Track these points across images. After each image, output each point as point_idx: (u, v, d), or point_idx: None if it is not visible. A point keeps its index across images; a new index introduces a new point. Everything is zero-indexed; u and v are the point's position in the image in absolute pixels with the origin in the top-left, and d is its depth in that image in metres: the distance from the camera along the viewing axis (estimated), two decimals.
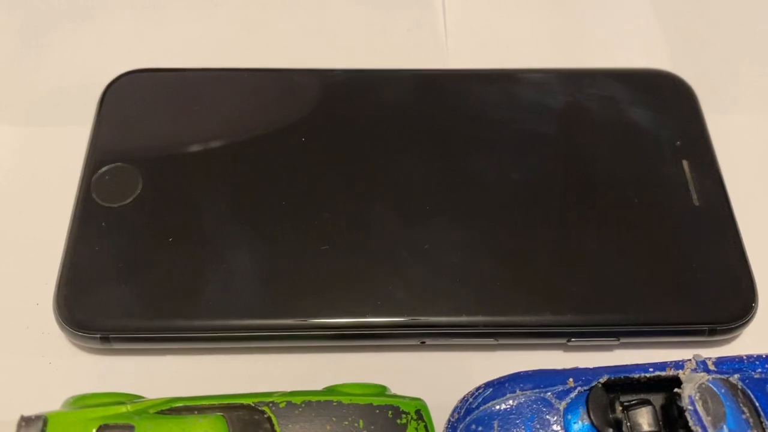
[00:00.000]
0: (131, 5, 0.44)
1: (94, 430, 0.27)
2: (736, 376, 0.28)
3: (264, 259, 0.34)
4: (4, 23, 0.43)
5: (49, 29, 0.43)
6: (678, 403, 0.28)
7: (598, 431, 0.27)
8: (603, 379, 0.29)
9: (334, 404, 0.28)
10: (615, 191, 0.36)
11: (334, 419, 0.28)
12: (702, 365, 0.29)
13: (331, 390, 0.30)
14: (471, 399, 0.29)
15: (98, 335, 0.32)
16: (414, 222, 0.35)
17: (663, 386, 0.29)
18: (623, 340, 0.33)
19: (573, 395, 0.28)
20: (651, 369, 0.29)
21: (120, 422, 0.27)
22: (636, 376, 0.29)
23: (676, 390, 0.28)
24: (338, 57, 0.42)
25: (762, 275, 0.34)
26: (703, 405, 0.27)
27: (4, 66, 0.42)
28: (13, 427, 0.27)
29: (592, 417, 0.28)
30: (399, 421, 0.29)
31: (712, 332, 0.33)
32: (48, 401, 0.29)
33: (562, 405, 0.28)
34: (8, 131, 0.39)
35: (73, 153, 0.37)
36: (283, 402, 0.28)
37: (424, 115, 0.38)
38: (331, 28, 0.44)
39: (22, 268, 0.35)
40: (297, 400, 0.28)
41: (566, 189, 0.36)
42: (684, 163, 0.37)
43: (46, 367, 0.33)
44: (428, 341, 0.33)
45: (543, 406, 0.28)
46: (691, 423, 0.27)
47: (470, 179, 0.36)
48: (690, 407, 0.27)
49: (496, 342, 0.33)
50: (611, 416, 0.28)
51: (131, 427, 0.27)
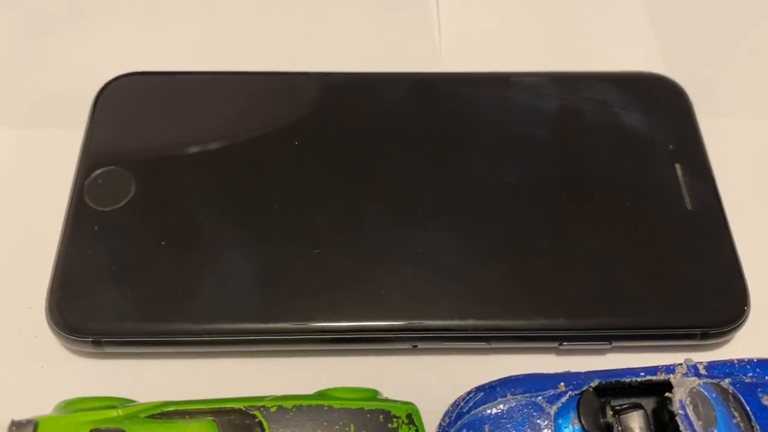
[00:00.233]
0: (127, 8, 0.44)
1: None
2: (727, 381, 0.28)
3: (256, 263, 0.34)
4: (0, 26, 0.43)
5: (44, 32, 0.43)
6: (669, 408, 0.28)
7: None
8: (594, 384, 0.29)
9: (325, 408, 0.28)
10: (608, 195, 0.36)
11: (325, 423, 0.28)
12: (693, 369, 0.29)
13: (323, 394, 0.30)
14: (462, 403, 0.29)
15: (90, 339, 0.32)
16: (407, 226, 0.35)
17: (654, 390, 0.29)
18: (615, 344, 0.33)
19: (564, 399, 0.28)
20: (642, 373, 0.29)
21: (111, 426, 0.27)
22: (627, 381, 0.29)
23: (667, 394, 0.28)
24: (333, 60, 0.42)
25: (754, 279, 0.34)
26: (694, 409, 0.27)
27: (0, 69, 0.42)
28: (5, 431, 0.27)
29: (583, 421, 0.28)
30: (390, 426, 0.29)
31: (705, 336, 0.33)
32: (39, 405, 0.29)
33: (553, 409, 0.28)
34: (2, 134, 0.39)
35: (67, 156, 0.37)
36: (274, 406, 0.28)
37: (419, 119, 0.38)
38: (326, 32, 0.44)
39: (15, 272, 0.35)
40: (288, 405, 0.28)
41: (559, 193, 0.36)
42: (677, 167, 0.37)
43: (38, 371, 0.33)
44: (420, 345, 0.33)
45: (534, 411, 0.28)
46: (682, 427, 0.27)
47: (463, 183, 0.36)
48: (681, 411, 0.27)
49: (489, 346, 0.33)
50: (602, 420, 0.28)
51: (122, 431, 0.27)
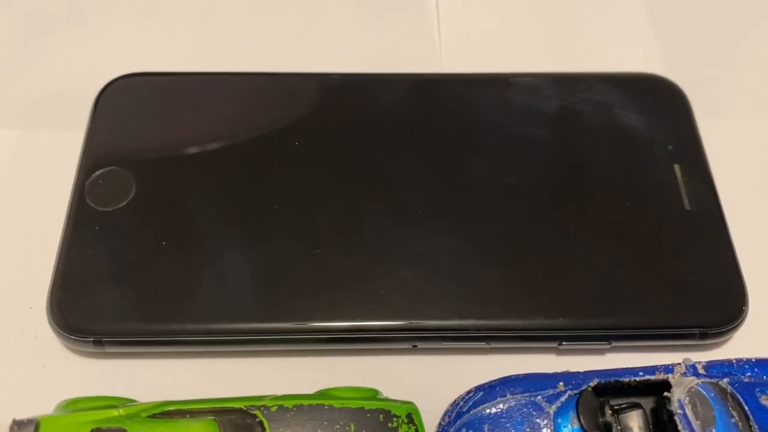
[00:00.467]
0: (127, 9, 0.44)
1: None
2: (726, 380, 0.28)
3: (257, 263, 0.34)
4: (0, 27, 0.43)
5: (45, 33, 0.43)
6: (668, 407, 0.28)
7: None
8: (593, 383, 0.29)
9: (326, 408, 0.29)
10: (607, 195, 0.36)
11: (326, 423, 0.28)
12: (692, 369, 0.29)
13: (323, 394, 0.30)
14: (462, 403, 0.30)
15: (91, 339, 0.32)
16: (407, 226, 0.35)
17: (653, 390, 0.29)
18: (614, 344, 0.33)
19: (563, 399, 0.29)
20: (641, 373, 0.29)
21: (112, 426, 0.27)
22: (626, 380, 0.29)
23: (666, 394, 0.28)
24: (333, 61, 0.42)
25: (753, 279, 0.34)
26: (693, 409, 0.28)
27: (0, 69, 0.42)
28: (6, 431, 0.27)
29: (582, 421, 0.28)
30: (390, 425, 0.29)
31: (703, 336, 0.33)
32: (41, 405, 0.29)
33: (553, 409, 0.28)
34: (3, 135, 0.39)
35: (68, 157, 0.37)
36: (275, 406, 0.28)
37: (418, 120, 0.38)
38: (326, 33, 0.44)
39: (16, 272, 0.35)
40: (289, 404, 0.29)
41: (558, 193, 0.36)
42: (676, 168, 0.37)
43: (39, 371, 0.33)
44: (420, 345, 0.33)
45: (533, 410, 0.28)
46: (681, 427, 0.27)
47: (463, 183, 0.36)
48: (679, 411, 0.27)
49: (488, 345, 0.33)
50: (601, 420, 0.28)
51: (123, 431, 0.27)
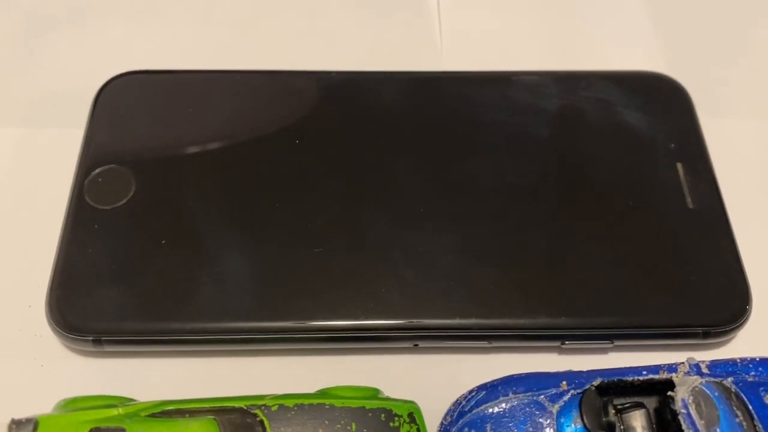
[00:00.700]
0: (126, 8, 0.44)
1: None
2: (730, 380, 0.28)
3: (257, 262, 0.34)
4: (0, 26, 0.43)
5: (44, 32, 0.43)
6: (671, 407, 0.28)
7: None
8: (596, 382, 0.29)
9: (327, 407, 0.28)
10: (609, 194, 0.36)
11: (327, 422, 0.28)
12: (695, 368, 0.29)
13: (324, 393, 0.30)
14: (464, 402, 0.29)
15: (90, 338, 0.32)
16: (408, 225, 0.35)
17: (656, 389, 0.29)
18: (617, 343, 0.33)
19: (566, 398, 0.28)
20: (644, 372, 0.29)
21: (111, 425, 0.27)
22: (629, 379, 0.29)
23: (670, 393, 0.28)
24: (333, 59, 0.42)
25: (756, 278, 0.34)
26: (697, 408, 0.27)
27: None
28: (4, 430, 0.27)
29: (585, 420, 0.28)
30: (392, 424, 0.29)
31: (706, 335, 0.33)
32: (39, 404, 0.29)
33: (555, 408, 0.28)
34: (2, 133, 0.39)
35: (67, 155, 0.37)
36: (276, 405, 0.28)
37: (419, 118, 0.38)
38: (326, 31, 0.44)
39: (15, 271, 0.35)
40: (289, 403, 0.28)
41: (560, 192, 0.36)
42: (678, 166, 0.37)
43: (38, 370, 0.33)
44: (421, 344, 0.33)
45: (536, 410, 0.28)
46: (685, 426, 0.27)
47: (464, 182, 0.36)
48: (683, 410, 0.27)
49: (490, 345, 0.33)
50: (604, 419, 0.28)
51: (122, 430, 0.27)
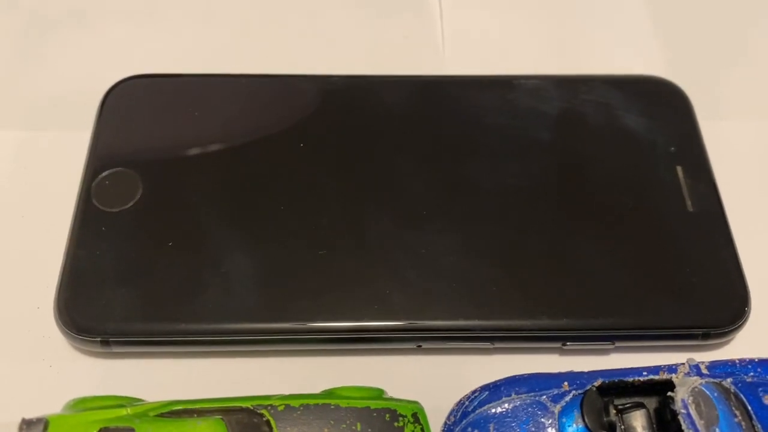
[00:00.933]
0: (131, 12, 0.45)
1: None
2: (729, 380, 0.29)
3: (263, 264, 0.34)
4: (5, 29, 0.44)
5: (50, 35, 0.43)
6: (671, 407, 0.28)
7: None
8: (597, 383, 0.29)
9: (332, 407, 0.29)
10: (610, 197, 0.36)
11: (332, 422, 0.29)
12: (695, 369, 0.29)
13: (329, 393, 0.30)
14: (467, 402, 0.30)
15: (98, 339, 0.32)
16: (411, 226, 0.35)
17: (657, 390, 0.29)
18: (618, 344, 0.34)
19: (568, 398, 0.29)
20: (645, 373, 0.29)
21: (120, 425, 0.28)
22: (630, 380, 0.29)
23: (670, 393, 0.28)
24: (336, 63, 0.42)
25: (755, 280, 0.34)
26: (696, 408, 0.28)
27: (5, 71, 0.42)
28: (15, 430, 0.27)
29: (587, 420, 0.28)
30: (396, 424, 0.29)
31: (706, 336, 0.33)
32: (49, 404, 0.29)
33: (557, 408, 0.28)
34: (9, 136, 0.40)
35: (74, 158, 0.37)
36: (282, 405, 0.29)
37: (421, 121, 0.39)
38: (329, 35, 0.44)
39: (23, 272, 0.35)
40: (295, 404, 0.29)
41: (561, 194, 0.36)
42: (678, 169, 0.37)
43: (47, 371, 0.33)
44: (425, 345, 0.33)
45: (538, 410, 0.28)
46: (684, 426, 0.27)
47: (467, 184, 0.36)
48: (683, 410, 0.28)
49: (493, 346, 0.34)
50: (605, 419, 0.28)
51: (131, 430, 0.27)
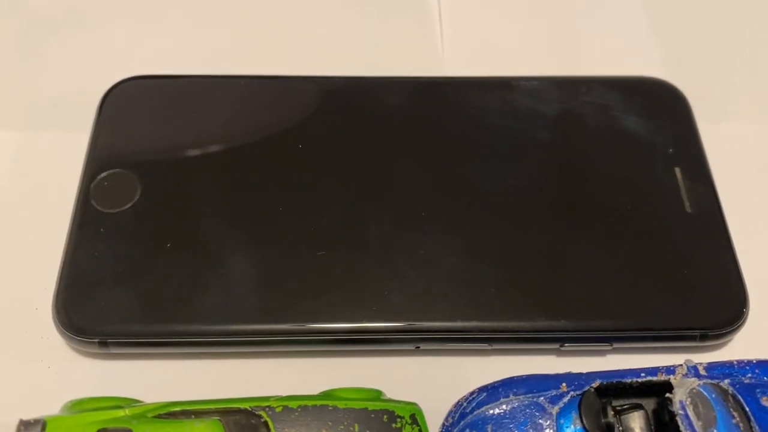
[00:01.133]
0: (130, 12, 0.45)
1: None
2: (727, 381, 0.29)
3: (261, 265, 0.34)
4: (4, 30, 0.44)
5: (49, 36, 0.43)
6: (669, 408, 0.28)
7: None
8: (595, 384, 0.29)
9: (330, 409, 0.29)
10: (608, 198, 0.36)
11: (330, 423, 0.29)
12: (693, 370, 0.29)
13: (327, 395, 0.30)
14: (465, 404, 0.30)
15: (96, 340, 0.32)
16: (410, 228, 0.35)
17: (655, 391, 0.29)
18: (616, 345, 0.34)
19: (566, 400, 0.29)
20: (643, 374, 0.29)
21: (118, 426, 0.28)
22: (628, 381, 0.29)
23: (668, 395, 0.28)
24: (336, 64, 0.42)
25: (753, 281, 0.34)
26: (694, 410, 0.28)
27: (4, 72, 0.42)
28: (13, 431, 0.27)
29: (585, 421, 0.28)
30: (394, 426, 0.29)
31: (704, 338, 0.33)
32: (47, 405, 0.29)
33: (555, 409, 0.28)
34: (8, 137, 0.40)
35: (73, 159, 0.37)
36: (280, 406, 0.29)
37: (420, 122, 0.39)
38: (329, 36, 0.44)
39: (22, 273, 0.35)
40: (293, 405, 0.29)
41: (560, 196, 0.36)
42: (676, 171, 0.37)
43: (45, 372, 0.33)
44: (423, 346, 0.33)
45: (536, 411, 0.28)
46: (682, 427, 0.27)
47: (465, 186, 0.37)
48: (681, 412, 0.28)
49: (491, 347, 0.34)
50: (603, 420, 0.28)
51: (129, 431, 0.27)
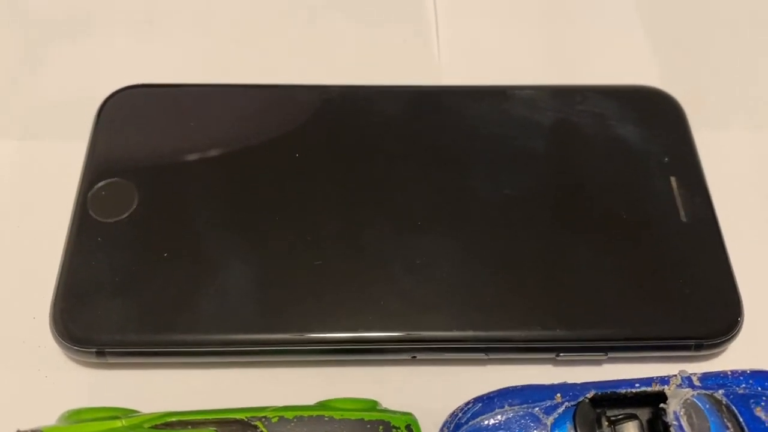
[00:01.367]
0: (128, 21, 0.45)
1: None
2: (721, 392, 0.29)
3: (258, 274, 0.34)
4: (2, 38, 0.44)
5: (47, 44, 0.44)
6: (663, 418, 0.28)
7: None
8: (590, 394, 0.29)
9: (326, 419, 0.29)
10: (603, 207, 0.36)
11: None
12: (687, 381, 0.30)
13: (323, 405, 0.30)
14: (460, 414, 0.30)
15: (94, 349, 0.32)
16: (406, 237, 0.35)
17: (649, 401, 0.29)
18: (611, 355, 0.34)
19: (560, 410, 0.29)
20: (637, 384, 0.30)
21: None
22: (623, 391, 0.29)
23: (662, 405, 0.29)
24: (332, 73, 0.42)
25: (748, 291, 0.34)
26: (688, 420, 0.28)
27: (2, 80, 0.42)
28: None
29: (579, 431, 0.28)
30: None
31: (699, 347, 0.33)
32: (44, 415, 0.29)
33: (550, 420, 0.29)
34: (6, 145, 0.40)
35: (70, 168, 0.37)
36: (276, 417, 0.29)
37: (417, 131, 0.39)
38: (325, 45, 0.44)
39: (19, 282, 0.35)
40: (289, 415, 0.29)
41: (555, 205, 0.37)
42: (672, 180, 0.37)
43: (42, 381, 0.33)
44: (419, 356, 0.34)
45: (531, 421, 0.29)
46: None
47: (461, 195, 0.37)
48: (675, 422, 0.28)
49: (487, 357, 0.34)
50: (598, 431, 0.28)
51: None
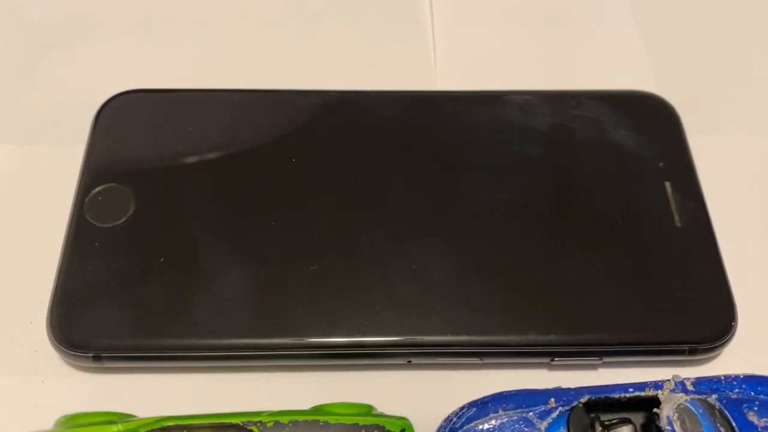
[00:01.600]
0: (125, 27, 0.45)
1: None
2: (714, 397, 0.29)
3: (254, 279, 0.34)
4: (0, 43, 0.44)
5: (44, 50, 0.44)
6: (657, 423, 0.28)
7: None
8: (584, 399, 0.29)
9: (321, 424, 0.29)
10: (598, 212, 0.37)
11: None
12: (680, 386, 0.30)
13: (318, 409, 0.30)
14: (455, 419, 0.30)
15: (90, 354, 0.33)
16: (402, 242, 0.35)
17: (643, 405, 0.30)
18: (606, 360, 0.34)
19: (554, 415, 0.29)
20: (631, 389, 0.30)
21: None
22: (616, 396, 0.30)
23: (656, 410, 0.29)
24: (329, 78, 0.43)
25: (742, 295, 0.35)
26: (681, 425, 0.28)
27: None
28: None
29: None
30: None
31: (693, 352, 0.34)
32: (40, 420, 0.30)
33: (544, 425, 0.29)
34: (2, 150, 0.40)
35: (67, 173, 0.38)
36: (271, 421, 0.29)
37: (413, 137, 0.39)
38: (322, 50, 0.45)
39: (16, 287, 0.35)
40: (284, 420, 0.29)
41: (550, 210, 0.37)
42: (666, 185, 0.37)
43: (39, 386, 0.33)
44: (414, 360, 0.34)
45: (525, 426, 0.29)
46: None
47: (457, 200, 0.37)
48: (668, 427, 0.28)
49: (482, 361, 0.34)
50: None
51: None
